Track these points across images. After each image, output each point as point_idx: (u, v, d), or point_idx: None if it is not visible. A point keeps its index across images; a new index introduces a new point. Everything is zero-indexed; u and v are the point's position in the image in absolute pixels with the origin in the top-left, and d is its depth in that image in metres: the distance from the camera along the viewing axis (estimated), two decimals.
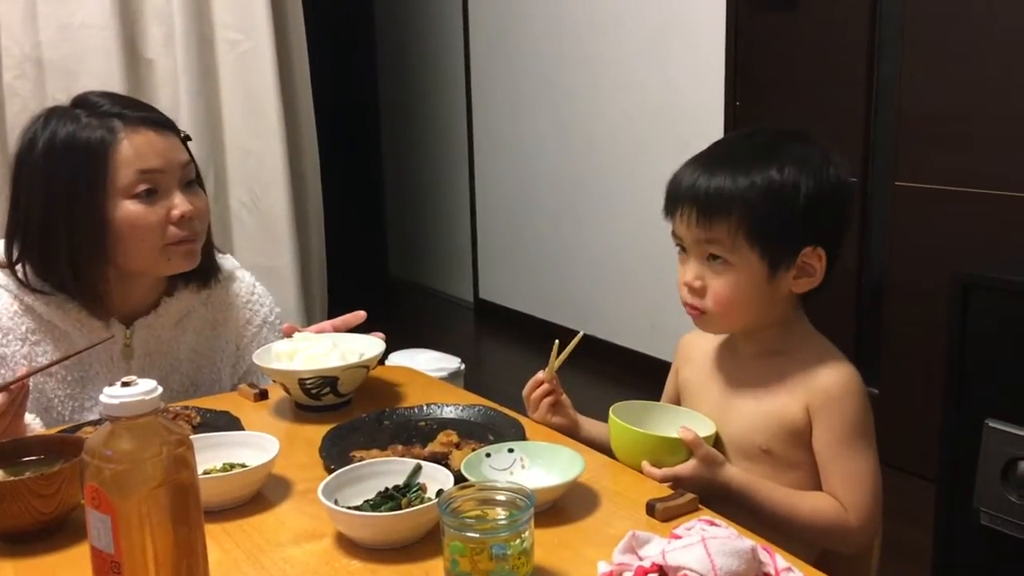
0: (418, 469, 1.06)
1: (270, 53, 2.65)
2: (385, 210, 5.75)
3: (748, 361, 1.22)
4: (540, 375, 1.30)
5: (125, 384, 0.78)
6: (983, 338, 1.43)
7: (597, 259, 3.91)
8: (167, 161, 1.37)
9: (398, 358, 2.15)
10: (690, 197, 1.13)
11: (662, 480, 1.12)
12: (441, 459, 1.15)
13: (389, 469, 1.07)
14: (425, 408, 1.34)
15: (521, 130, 4.28)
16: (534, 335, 4.26)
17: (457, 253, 4.96)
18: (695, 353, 1.31)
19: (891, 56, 2.69)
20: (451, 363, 2.14)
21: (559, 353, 1.29)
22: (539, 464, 1.11)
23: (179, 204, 1.37)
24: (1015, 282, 1.38)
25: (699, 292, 1.15)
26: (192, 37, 2.57)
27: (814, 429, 1.15)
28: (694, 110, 3.30)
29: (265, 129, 2.69)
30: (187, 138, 1.45)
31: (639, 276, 3.68)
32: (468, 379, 2.29)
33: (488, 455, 1.12)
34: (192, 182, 1.43)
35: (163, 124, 1.39)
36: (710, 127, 3.20)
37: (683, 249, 1.18)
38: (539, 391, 1.29)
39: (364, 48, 5.59)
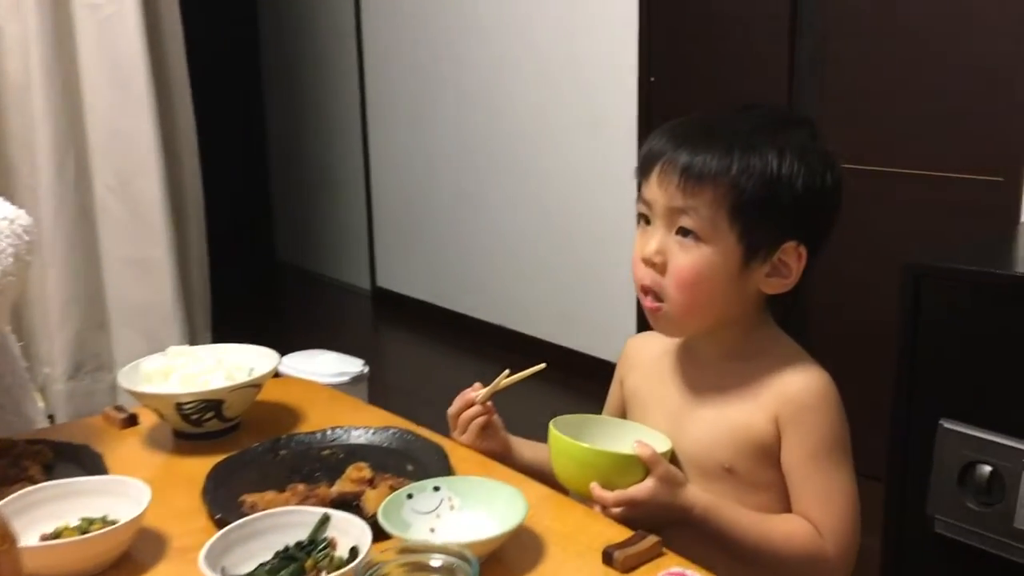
0: (325, 520, 0.88)
1: (137, 18, 2.39)
2: (271, 190, 5.47)
3: (707, 366, 1.08)
4: (470, 394, 1.13)
5: None
6: (937, 333, 1.34)
7: (503, 244, 3.75)
8: None
9: (293, 362, 1.94)
10: (676, 156, 0.99)
11: (614, 504, 0.98)
12: (353, 501, 0.98)
13: (289, 521, 0.90)
14: (329, 433, 1.16)
15: (419, 105, 4.08)
16: (437, 325, 4.09)
17: (352, 237, 4.72)
18: (644, 358, 1.16)
19: (814, 30, 2.59)
20: (353, 366, 1.95)
21: (499, 381, 1.13)
22: (471, 504, 0.95)
23: None
24: (973, 272, 1.29)
25: (658, 269, 1.00)
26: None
27: (784, 443, 1.02)
28: (605, 86, 3.17)
29: (133, 105, 2.43)
30: None
31: (547, 262, 3.55)
32: (370, 377, 2.10)
33: (410, 496, 0.95)
34: None
35: None
36: (622, 105, 3.08)
37: (647, 221, 1.03)
38: (469, 412, 1.12)
39: (244, 14, 5.25)
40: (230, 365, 1.22)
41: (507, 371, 1.12)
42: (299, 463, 1.09)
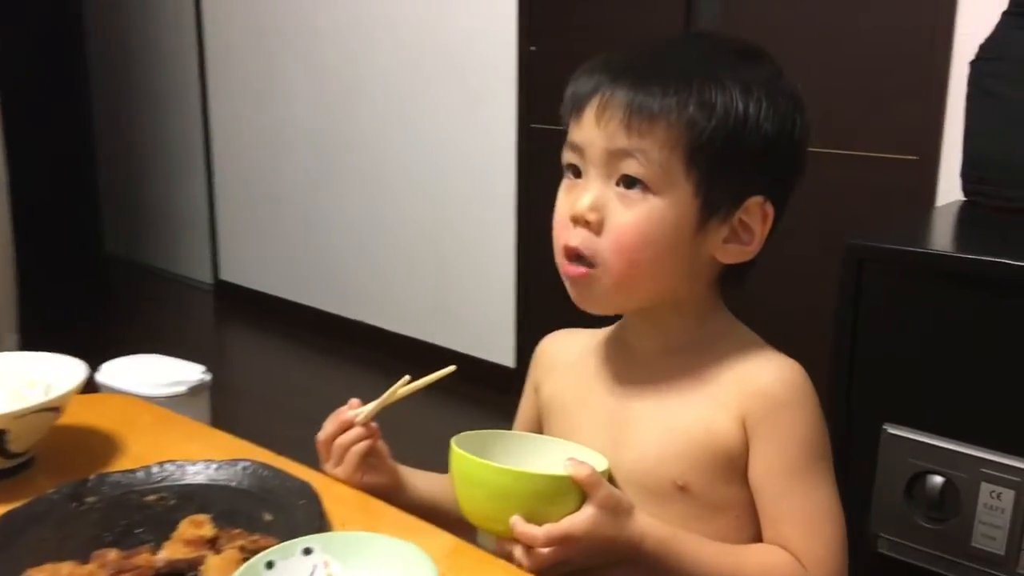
0: None
1: None
2: (97, 173, 5.01)
3: (649, 362, 0.88)
4: (346, 413, 0.88)
5: None
6: (880, 325, 1.20)
7: (367, 232, 3.50)
8: None
9: (115, 370, 1.61)
10: (616, 88, 0.80)
11: (545, 543, 0.76)
12: (188, 573, 0.73)
13: None
14: (156, 470, 0.89)
15: (268, 75, 3.78)
16: (292, 323, 3.80)
17: (191, 225, 4.37)
18: (563, 359, 0.96)
19: None
20: (191, 374, 1.64)
21: (394, 391, 0.89)
22: (356, 569, 0.70)
23: None
24: (928, 255, 1.16)
25: (593, 228, 0.81)
26: None
27: (754, 450, 0.83)
28: (480, 57, 2.97)
29: None
30: None
31: (417, 252, 3.33)
32: (214, 387, 1.80)
33: (270, 564, 0.69)
34: None
35: None
36: (500, 77, 2.89)
37: (575, 173, 0.84)
38: (347, 438, 0.88)
39: None
40: (20, 381, 0.95)
41: (406, 377, 0.88)
42: (113, 516, 0.82)
